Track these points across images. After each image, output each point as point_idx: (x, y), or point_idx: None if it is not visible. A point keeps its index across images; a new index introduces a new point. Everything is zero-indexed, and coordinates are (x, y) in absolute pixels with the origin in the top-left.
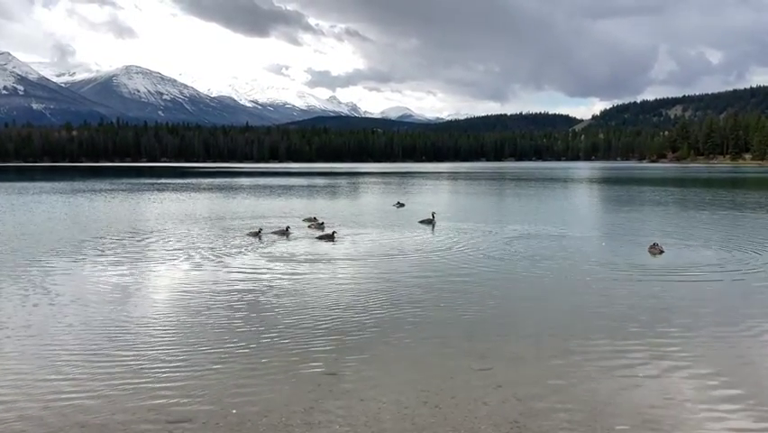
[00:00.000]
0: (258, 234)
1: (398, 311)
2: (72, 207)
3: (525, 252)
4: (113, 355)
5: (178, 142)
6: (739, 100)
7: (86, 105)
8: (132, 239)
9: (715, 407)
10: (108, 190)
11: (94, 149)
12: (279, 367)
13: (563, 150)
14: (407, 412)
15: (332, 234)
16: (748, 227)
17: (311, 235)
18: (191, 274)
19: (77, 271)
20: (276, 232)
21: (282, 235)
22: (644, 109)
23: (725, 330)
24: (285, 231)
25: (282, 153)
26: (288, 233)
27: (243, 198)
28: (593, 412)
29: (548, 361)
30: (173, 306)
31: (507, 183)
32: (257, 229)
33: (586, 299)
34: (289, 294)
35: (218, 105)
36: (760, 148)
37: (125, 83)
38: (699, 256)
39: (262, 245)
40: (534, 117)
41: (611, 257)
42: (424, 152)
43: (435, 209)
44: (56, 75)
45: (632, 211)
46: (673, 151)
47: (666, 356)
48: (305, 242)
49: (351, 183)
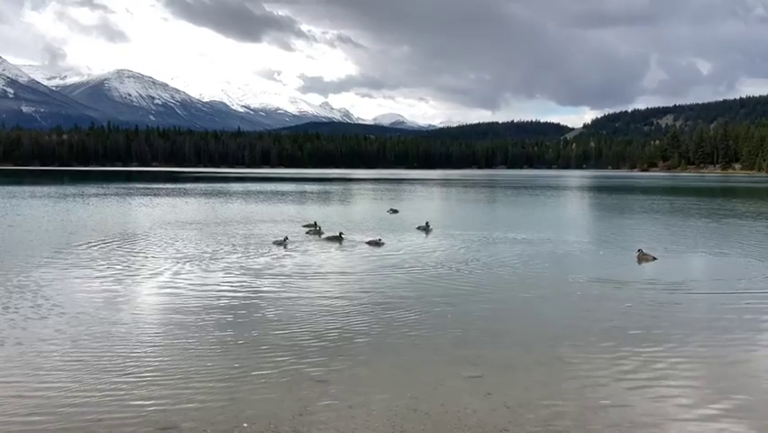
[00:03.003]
0: (284, 242)
1: (388, 318)
2: (62, 212)
3: (516, 259)
4: (100, 362)
5: (170, 147)
6: (729, 110)
7: (77, 108)
8: (122, 245)
9: (705, 416)
10: (98, 195)
11: (84, 153)
12: (268, 374)
13: (554, 158)
14: (397, 420)
15: (339, 236)
16: (739, 236)
17: (316, 240)
18: (180, 281)
19: (66, 277)
20: (277, 242)
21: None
22: (635, 118)
23: (716, 339)
24: (282, 241)
25: (274, 159)
26: (286, 243)
27: (236, 203)
28: (583, 421)
29: (538, 368)
30: (162, 312)
31: (499, 191)
32: (282, 237)
33: (577, 306)
34: (278, 300)
35: (210, 110)
36: (749, 158)
37: (117, 87)
38: (691, 264)
39: (254, 251)
40: (526, 125)
41: (603, 265)
42: (416, 159)
43: (428, 216)
44: (47, 78)
45: (624, 219)
46: (664, 160)
47: (656, 365)
48: (301, 247)
49: (343, 189)
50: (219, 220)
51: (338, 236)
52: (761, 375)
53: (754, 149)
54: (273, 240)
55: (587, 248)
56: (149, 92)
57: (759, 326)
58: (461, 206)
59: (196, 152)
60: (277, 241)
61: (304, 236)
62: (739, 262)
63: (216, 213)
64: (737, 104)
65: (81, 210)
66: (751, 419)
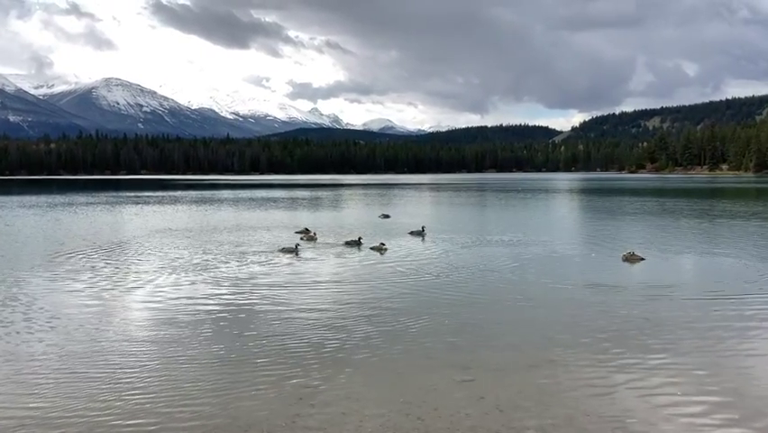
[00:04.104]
0: (295, 249)
1: (381, 323)
2: (50, 222)
3: (507, 263)
4: (90, 371)
5: (158, 155)
6: (715, 111)
7: (64, 117)
8: (112, 254)
9: (695, 417)
10: (88, 204)
11: (72, 162)
12: (262, 381)
13: (543, 161)
14: (390, 425)
15: (358, 240)
16: (727, 236)
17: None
18: (171, 289)
19: (56, 287)
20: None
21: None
22: (622, 121)
23: (705, 340)
24: (294, 249)
25: (264, 165)
26: (298, 251)
27: (228, 211)
28: (575, 423)
29: (530, 372)
30: (153, 321)
31: (490, 194)
32: (294, 244)
33: (568, 309)
34: (271, 307)
35: (199, 118)
36: (736, 158)
37: (105, 95)
38: (680, 265)
39: (248, 259)
40: (515, 129)
41: (594, 267)
42: (406, 164)
43: (421, 221)
44: (34, 87)
45: (614, 221)
46: (652, 161)
47: (648, 366)
48: (301, 254)
49: (334, 195)
50: (211, 228)
51: (357, 241)
52: (752, 377)
53: (740, 149)
54: (281, 247)
55: (577, 250)
56: (137, 100)
57: (747, 326)
58: (453, 210)
59: (186, 160)
60: (286, 248)
61: (304, 243)
62: (728, 262)
63: (209, 221)
64: (724, 105)
65: (73, 219)
66: (742, 421)
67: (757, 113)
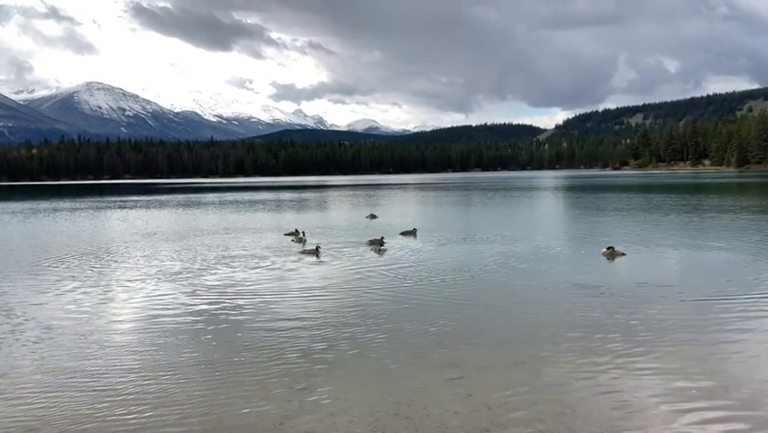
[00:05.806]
0: (316, 250)
1: (368, 323)
2: (34, 228)
3: (493, 260)
4: (75, 378)
5: (142, 159)
6: (697, 107)
7: (46, 122)
8: (97, 260)
9: (682, 412)
10: (72, 209)
11: (55, 167)
12: (249, 383)
13: (528, 160)
14: (378, 425)
15: (380, 240)
16: (710, 231)
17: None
18: (157, 294)
19: (40, 294)
20: (307, 251)
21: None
22: (605, 118)
23: (691, 336)
24: (315, 250)
25: (248, 168)
26: (319, 253)
27: (214, 214)
28: (563, 419)
29: (518, 368)
30: (140, 326)
31: (476, 193)
32: (314, 246)
33: (555, 306)
34: (258, 309)
35: (182, 121)
36: (718, 153)
37: (86, 99)
38: (662, 260)
39: (235, 260)
40: (499, 128)
41: (578, 263)
42: (391, 164)
43: (407, 220)
44: (14, 92)
45: (599, 217)
46: (635, 158)
47: (634, 363)
48: (295, 257)
49: (320, 196)
50: (198, 232)
51: (380, 240)
52: (738, 372)
53: (722, 145)
54: (302, 249)
55: (563, 247)
56: (119, 104)
57: (731, 320)
58: (439, 209)
59: (169, 164)
60: (307, 251)
61: (295, 246)
62: (709, 257)
63: (195, 224)
64: (705, 101)
65: (57, 225)
66: (729, 415)
67: (738, 108)
